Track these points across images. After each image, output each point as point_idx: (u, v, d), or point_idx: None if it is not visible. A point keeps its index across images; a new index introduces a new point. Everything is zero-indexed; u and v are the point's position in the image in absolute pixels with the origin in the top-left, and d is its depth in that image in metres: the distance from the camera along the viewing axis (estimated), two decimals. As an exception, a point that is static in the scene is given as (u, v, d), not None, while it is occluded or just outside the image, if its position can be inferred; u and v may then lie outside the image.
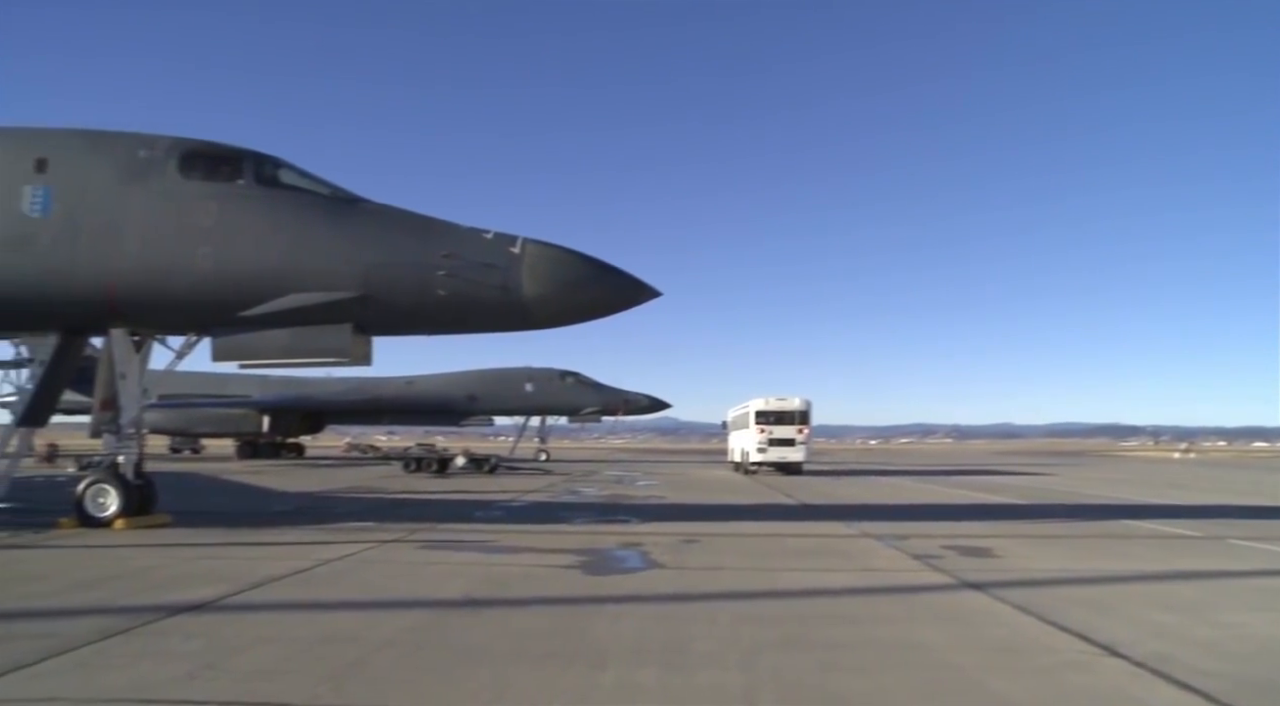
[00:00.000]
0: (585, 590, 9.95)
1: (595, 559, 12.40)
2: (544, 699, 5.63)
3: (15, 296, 14.34)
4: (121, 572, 10.53)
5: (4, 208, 14.16)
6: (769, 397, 41.62)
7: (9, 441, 16.80)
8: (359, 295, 13.84)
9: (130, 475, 15.53)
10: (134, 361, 15.75)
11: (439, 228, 14.24)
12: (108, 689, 5.71)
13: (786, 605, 9.30)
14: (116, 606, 8.43)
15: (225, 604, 8.70)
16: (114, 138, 14.83)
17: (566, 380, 55.00)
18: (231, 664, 6.35)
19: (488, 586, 9.95)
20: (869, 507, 22.40)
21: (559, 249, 14.09)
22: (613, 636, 7.51)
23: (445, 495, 25.68)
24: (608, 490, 29.16)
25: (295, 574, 10.51)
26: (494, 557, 12.47)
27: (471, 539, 14.54)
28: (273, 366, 15.35)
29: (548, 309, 14.08)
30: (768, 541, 14.81)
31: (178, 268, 13.98)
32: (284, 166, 14.84)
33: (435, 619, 8.25)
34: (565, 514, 19.67)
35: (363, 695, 5.65)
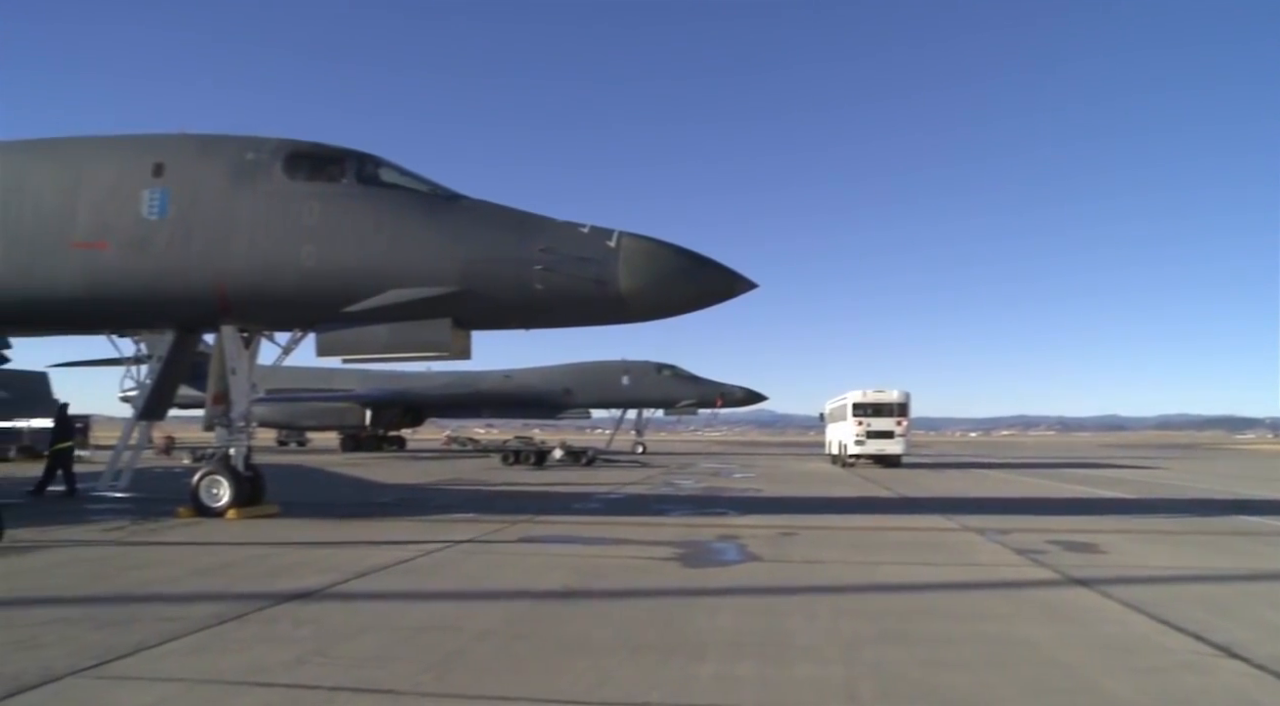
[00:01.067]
0: (683, 582, 9.94)
1: (693, 551, 12.38)
2: (643, 690, 5.63)
3: (135, 295, 14.93)
4: (234, 561, 10.88)
5: (125, 211, 14.76)
6: (866, 390, 41.08)
7: (131, 434, 17.53)
8: (458, 290, 14.04)
9: (241, 467, 16.05)
10: (243, 357, 16.25)
11: (535, 222, 14.36)
12: (224, 671, 5.90)
13: (887, 599, 9.16)
14: (230, 593, 8.71)
15: (332, 592, 8.91)
16: (223, 141, 15.33)
17: (663, 373, 55.12)
18: (338, 650, 6.51)
19: (586, 577, 10.01)
20: (969, 501, 21.94)
21: (655, 242, 14.08)
22: (711, 628, 7.48)
23: (543, 487, 25.92)
24: (705, 482, 29.10)
25: (398, 564, 10.72)
26: (592, 549, 12.54)
27: (570, 530, 14.67)
28: (375, 361, 15.67)
29: (644, 302, 14.09)
30: (867, 534, 14.61)
31: (284, 266, 14.38)
32: (384, 165, 15.13)
33: (534, 609, 8.32)
34: (662, 506, 19.69)
35: (464, 684, 5.72)
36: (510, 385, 57.03)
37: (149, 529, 14.11)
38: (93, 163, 15.38)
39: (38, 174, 15.38)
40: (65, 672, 5.82)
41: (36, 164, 15.60)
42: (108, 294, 14.98)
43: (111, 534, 13.56)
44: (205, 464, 16.48)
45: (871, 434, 39.93)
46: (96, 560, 11.03)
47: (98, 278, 14.85)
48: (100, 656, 6.22)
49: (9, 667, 5.94)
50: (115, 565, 10.61)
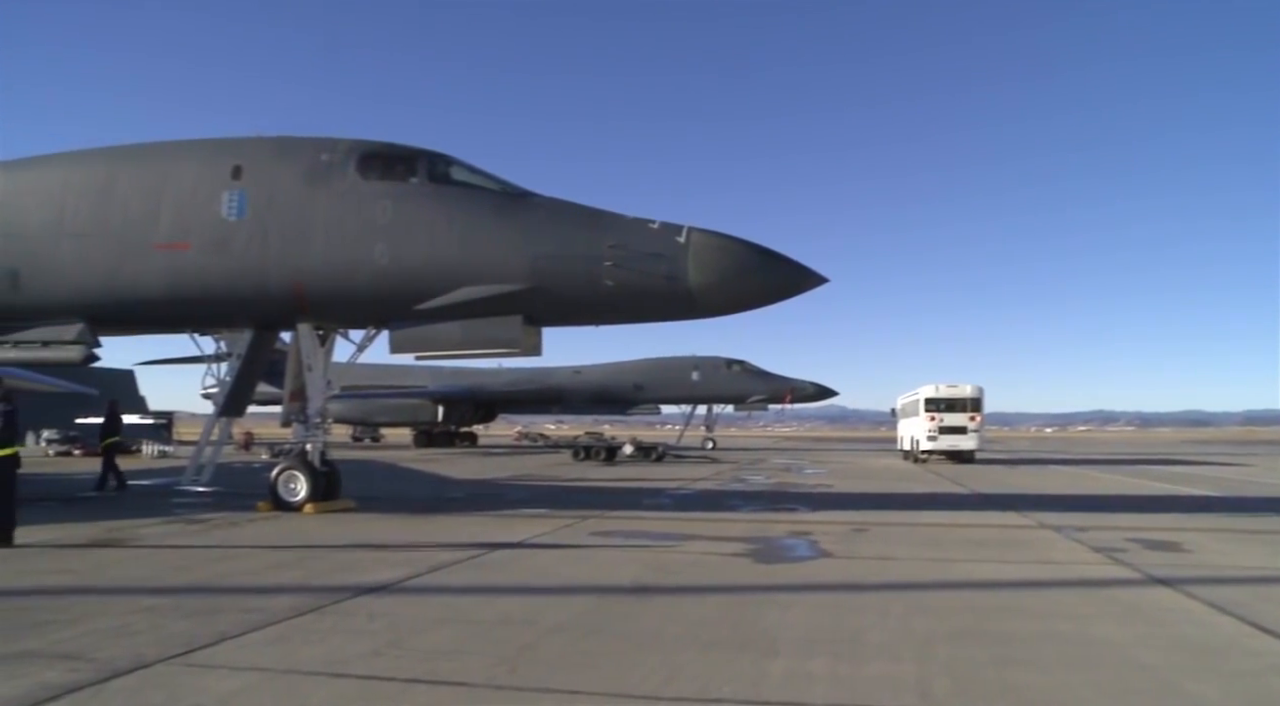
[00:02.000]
0: (754, 578, 9.93)
1: (764, 547, 12.36)
2: (714, 685, 5.65)
3: (215, 294, 15.31)
4: (311, 554, 11.12)
5: (205, 212, 15.15)
6: (939, 384, 40.54)
7: (212, 430, 17.97)
8: (528, 287, 14.15)
9: (317, 462, 16.37)
10: (319, 354, 16.57)
11: (605, 219, 14.42)
12: (303, 661, 6.05)
13: (961, 596, 9.05)
14: (308, 586, 8.91)
15: (406, 586, 9.06)
16: (299, 143, 15.65)
17: (733, 368, 54.92)
18: (413, 643, 6.62)
19: (657, 573, 10.05)
20: (1045, 497, 21.55)
21: (725, 237, 14.06)
22: (782, 625, 7.47)
23: (613, 483, 26.03)
24: (775, 478, 28.99)
25: (471, 558, 10.86)
26: (662, 544, 12.58)
27: (640, 526, 14.72)
28: (447, 357, 15.86)
29: (714, 297, 14.07)
30: (940, 531, 14.44)
31: (358, 264, 14.63)
32: (455, 164, 15.31)
33: (606, 604, 8.38)
34: (733, 502, 19.67)
35: (537, 677, 5.79)
36: (580, 381, 57.27)
37: (230, 522, 14.47)
38: (174, 166, 15.80)
39: (124, 178, 15.84)
40: (155, 660, 6.02)
41: (123, 169, 16.07)
42: (189, 293, 15.38)
43: (195, 527, 13.94)
44: (283, 459, 16.84)
45: (944, 429, 39.41)
46: (182, 552, 11.35)
47: (180, 278, 15.26)
48: (187, 645, 6.42)
49: (104, 653, 6.16)
50: (199, 557, 10.92)
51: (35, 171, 16.69)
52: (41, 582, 9.18)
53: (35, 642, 6.53)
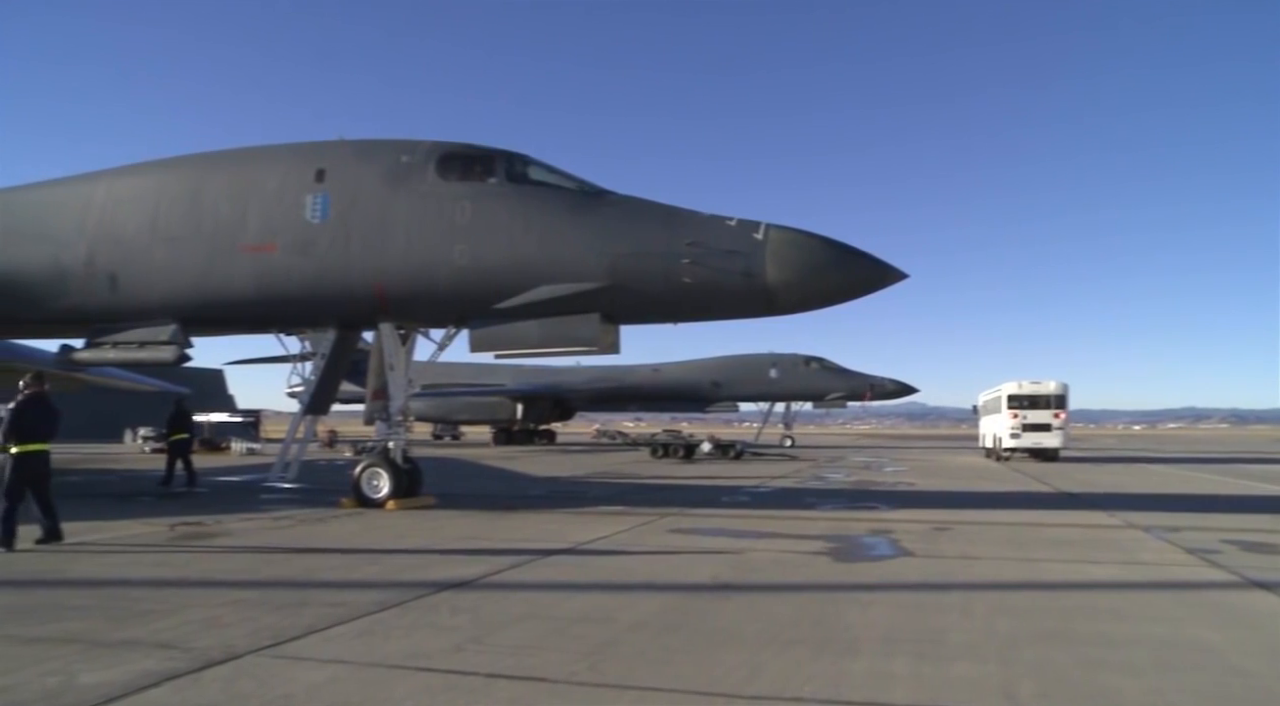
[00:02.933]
0: (834, 577, 9.86)
1: (844, 545, 12.25)
2: (795, 684, 5.62)
3: (299, 295, 15.67)
4: (394, 549, 11.32)
5: (290, 215, 15.52)
6: (1022, 381, 39.78)
7: (297, 428, 18.39)
8: (606, 285, 14.22)
9: (399, 459, 16.65)
10: (401, 353, 16.85)
11: (683, 216, 14.43)
12: (387, 655, 6.16)
13: (1047, 597, 8.87)
14: (391, 581, 9.07)
15: (486, 582, 9.17)
16: (379, 146, 15.94)
17: (811, 365, 54.51)
18: (495, 639, 6.70)
19: (736, 571, 10.03)
20: (1134, 496, 21.01)
21: (803, 233, 13.97)
22: (863, 624, 7.41)
23: (692, 480, 26.01)
24: (855, 476, 28.73)
25: (550, 555, 10.96)
26: (742, 542, 12.54)
27: (719, 524, 14.70)
28: (526, 356, 16.01)
29: (792, 294, 14.00)
30: (1024, 530, 14.17)
31: (437, 264, 14.84)
32: (533, 163, 15.45)
33: (685, 601, 8.38)
34: (812, 500, 19.53)
35: (617, 674, 5.82)
36: (658, 379, 57.36)
37: (315, 518, 14.80)
38: (260, 171, 16.22)
39: (213, 183, 16.31)
40: (246, 651, 6.19)
41: (212, 174, 16.55)
42: (275, 294, 15.77)
43: (282, 522, 14.29)
44: (366, 457, 17.16)
45: (1027, 427, 38.66)
46: (271, 546, 11.65)
47: (266, 279, 15.66)
48: (276, 637, 6.59)
49: (199, 643, 6.37)
50: (288, 551, 11.20)
51: (132, 178, 17.28)
52: (142, 574, 9.49)
53: (137, 631, 6.77)
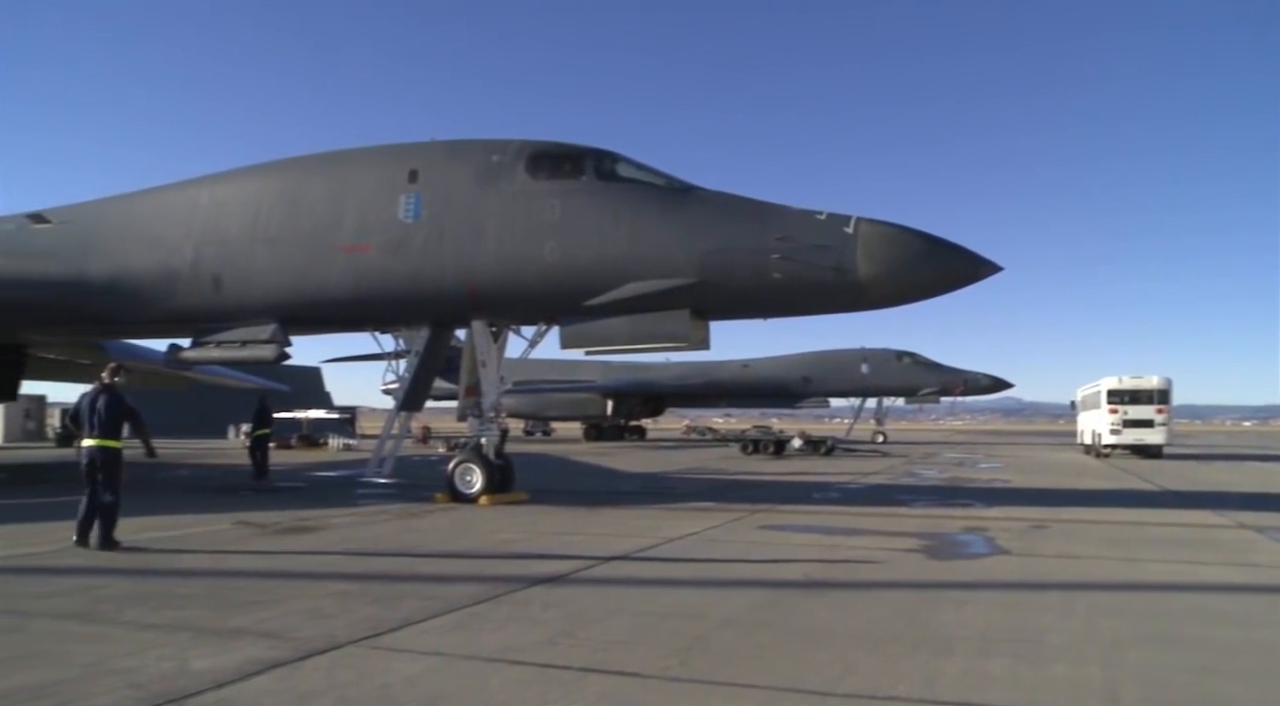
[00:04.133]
0: (928, 575, 9.71)
1: (937, 543, 12.07)
2: (888, 683, 5.55)
3: (394, 294, 15.99)
4: (488, 544, 11.49)
5: (384, 215, 15.84)
6: (1123, 376, 38.68)
7: (393, 425, 18.76)
8: (696, 281, 14.21)
9: (492, 455, 16.87)
10: (493, 350, 17.07)
11: (772, 211, 14.36)
12: (482, 648, 6.25)
13: (1151, 599, 8.61)
14: (485, 575, 9.20)
15: (578, 577, 9.25)
16: (470, 146, 16.17)
17: (903, 360, 53.74)
18: (586, 633, 6.76)
19: (827, 568, 9.95)
20: (1244, 496, 20.26)
21: (894, 227, 13.80)
22: (958, 623, 7.28)
23: (782, 477, 25.87)
24: (948, 473, 28.26)
25: (642, 550, 11.01)
26: (833, 539, 12.43)
27: (810, 520, 14.60)
28: (616, 352, 16.08)
29: (883, 288, 13.84)
30: (1126, 529, 13.78)
31: (528, 262, 15.00)
32: (621, 160, 15.52)
33: (776, 598, 8.35)
34: (904, 496, 19.27)
35: (709, 670, 5.82)
36: (748, 374, 57.13)
37: (410, 512, 15.08)
38: (356, 172, 16.59)
39: (311, 186, 16.74)
40: (345, 641, 6.35)
41: (309, 177, 16.99)
42: (370, 293, 16.12)
43: (378, 517, 14.60)
44: (459, 452, 17.42)
45: (1128, 422, 37.59)
46: (367, 540, 11.91)
47: (361, 278, 16.00)
48: (373, 628, 6.74)
49: (301, 633, 6.55)
50: (383, 545, 11.43)
51: (234, 182, 17.83)
52: (246, 565, 9.81)
53: (243, 620, 7.00)
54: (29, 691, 5.19)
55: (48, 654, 6.02)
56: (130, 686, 5.27)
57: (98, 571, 9.32)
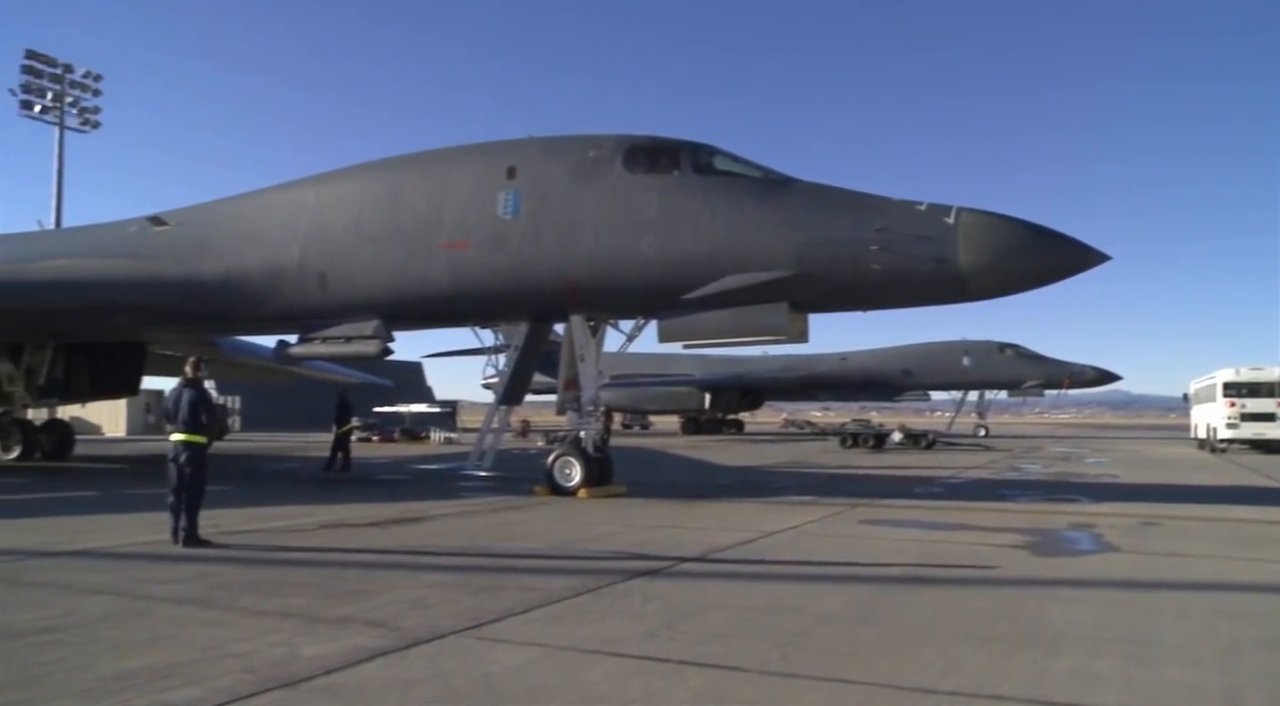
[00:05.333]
0: (1033, 572, 9.47)
1: (1043, 539, 11.78)
2: (993, 681, 5.43)
3: (493, 290, 16.23)
4: (587, 537, 11.58)
5: (483, 212, 16.08)
6: (1240, 367, 37.18)
7: (493, 418, 19.04)
8: (794, 274, 14.11)
9: (591, 449, 17.00)
10: (591, 344, 17.18)
11: (870, 202, 14.18)
12: (581, 640, 6.31)
13: (1274, 601, 8.28)
14: (584, 567, 9.28)
15: (677, 570, 9.27)
16: (567, 141, 16.30)
17: (1006, 352, 52.54)
18: (686, 626, 6.76)
19: (929, 563, 9.80)
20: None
21: (997, 216, 13.51)
22: (1066, 622, 7.09)
23: (882, 471, 25.56)
24: (1053, 467, 27.57)
25: (740, 544, 10.97)
26: (935, 534, 12.23)
27: (911, 515, 14.39)
28: (714, 346, 16.06)
29: (986, 279, 13.56)
30: (1245, 528, 13.27)
31: (626, 257, 15.06)
32: (718, 153, 15.48)
33: (877, 594, 8.24)
34: (1008, 491, 18.86)
35: (809, 665, 5.77)
36: (847, 367, 56.51)
37: (510, 505, 15.29)
38: (454, 170, 16.87)
39: (411, 184, 17.08)
40: (449, 631, 6.46)
41: (410, 175, 17.33)
42: (469, 289, 16.38)
43: (479, 509, 14.84)
44: (558, 446, 17.60)
45: (1246, 416, 36.12)
46: (468, 532, 12.12)
47: (461, 275, 16.27)
48: (476, 619, 6.85)
49: (406, 622, 6.70)
50: (484, 537, 11.61)
51: (338, 182, 18.31)
52: (352, 555, 10.07)
53: (350, 609, 7.18)
54: (156, 671, 5.42)
55: (172, 637, 6.28)
56: (245, 670, 5.45)
57: (213, 560, 9.67)
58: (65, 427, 28.79)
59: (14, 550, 10.04)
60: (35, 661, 5.67)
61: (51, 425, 28.35)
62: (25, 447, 26.06)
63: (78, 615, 6.93)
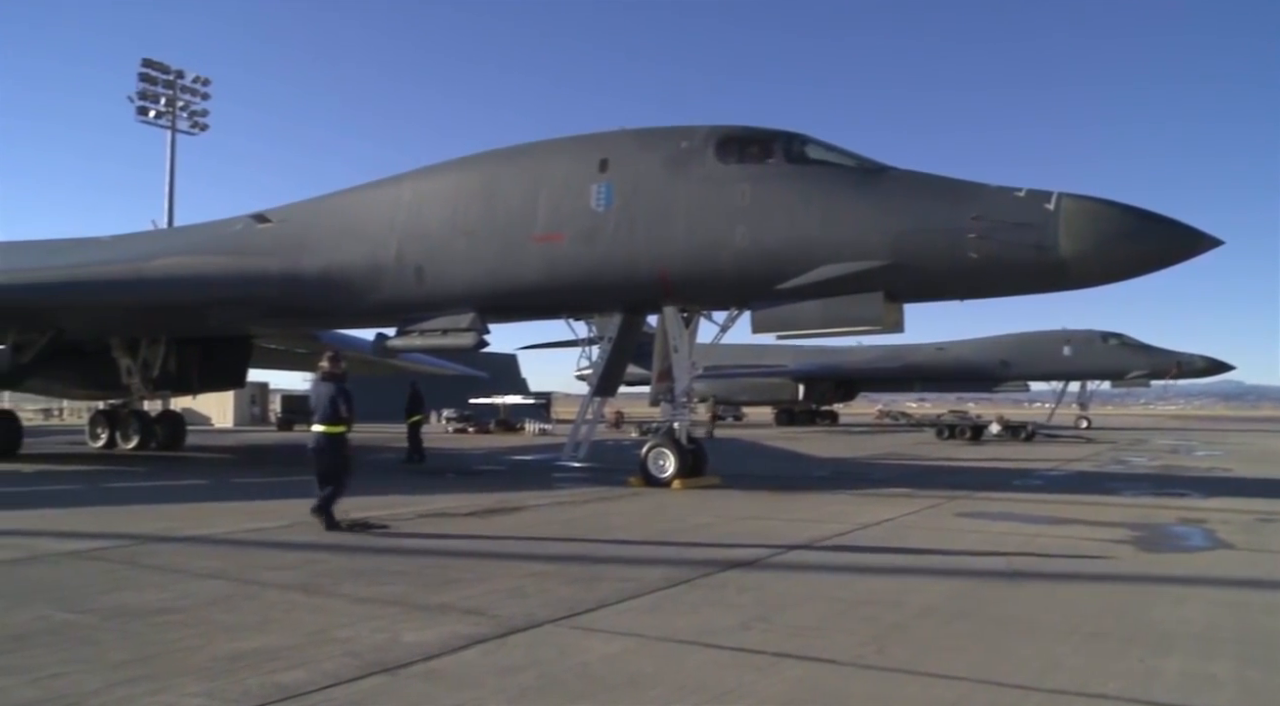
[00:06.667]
0: (1139, 568, 9.20)
1: (1149, 534, 11.43)
2: (1097, 680, 5.29)
3: (587, 282, 16.34)
4: (682, 528, 11.60)
5: (577, 205, 16.19)
6: None
7: (587, 410, 19.19)
8: (889, 263, 13.92)
9: (684, 440, 17.02)
10: (684, 336, 17.20)
11: (967, 190, 13.91)
12: (676, 630, 6.33)
13: (1401, 601, 7.91)
14: (678, 558, 9.30)
15: (772, 562, 9.23)
16: (659, 133, 16.31)
17: (1109, 342, 51.01)
18: (780, 618, 6.74)
19: (1029, 557, 9.58)
20: None
21: (1100, 201, 13.13)
22: (1175, 620, 6.88)
23: (980, 463, 25.11)
24: (1160, 460, 26.73)
25: (835, 536, 10.89)
26: (1035, 528, 11.97)
27: (1010, 508, 14.09)
28: (808, 336, 15.93)
29: (1088, 266, 13.20)
30: (1371, 524, 12.69)
31: (719, 247, 15.02)
32: (811, 142, 15.34)
33: (975, 587, 8.10)
34: (1112, 484, 18.36)
35: (905, 659, 5.70)
36: (943, 357, 55.54)
37: (605, 496, 15.41)
38: (547, 164, 17.02)
39: (505, 178, 17.28)
40: (545, 620, 6.55)
41: (504, 169, 17.54)
42: (564, 281, 16.52)
43: (574, 500, 14.98)
44: (652, 437, 17.66)
45: None
46: (564, 522, 12.25)
47: (555, 267, 16.41)
48: (571, 608, 6.92)
49: (503, 611, 6.80)
50: (579, 527, 11.73)
51: (434, 177, 18.63)
52: (451, 544, 10.27)
53: (449, 597, 7.32)
54: (264, 653, 5.60)
55: (279, 621, 6.49)
56: (348, 654, 5.60)
57: (317, 547, 9.95)
58: (178, 419, 29.94)
59: (134, 534, 10.50)
60: (155, 640, 5.93)
61: (166, 416, 29.53)
62: (142, 437, 27.42)
63: (192, 598, 7.22)
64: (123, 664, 5.39)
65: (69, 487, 16.59)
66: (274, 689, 4.91)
